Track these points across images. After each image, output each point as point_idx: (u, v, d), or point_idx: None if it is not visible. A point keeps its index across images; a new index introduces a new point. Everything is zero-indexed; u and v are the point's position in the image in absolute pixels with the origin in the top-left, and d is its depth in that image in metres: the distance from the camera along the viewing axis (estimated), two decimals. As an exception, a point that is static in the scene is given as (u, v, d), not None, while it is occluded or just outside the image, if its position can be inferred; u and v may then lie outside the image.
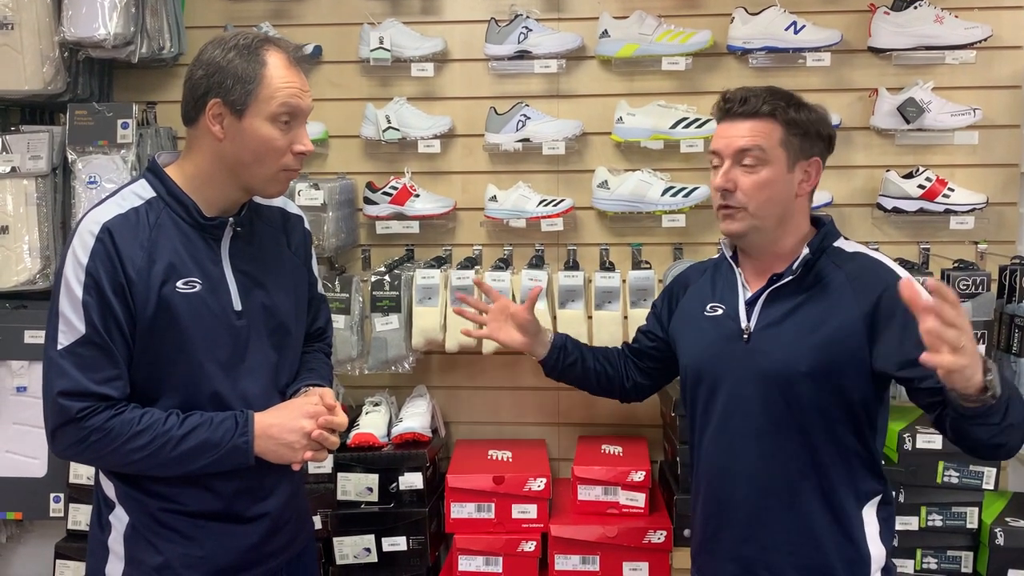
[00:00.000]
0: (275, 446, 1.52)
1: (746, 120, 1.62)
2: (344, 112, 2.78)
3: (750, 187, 1.61)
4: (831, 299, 1.60)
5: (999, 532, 2.31)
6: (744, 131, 1.61)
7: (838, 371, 1.57)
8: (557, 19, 2.74)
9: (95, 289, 1.43)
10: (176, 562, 1.52)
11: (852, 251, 1.67)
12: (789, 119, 1.61)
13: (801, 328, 1.60)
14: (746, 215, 1.62)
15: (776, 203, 1.63)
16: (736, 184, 1.62)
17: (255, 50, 1.48)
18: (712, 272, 1.81)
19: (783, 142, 1.61)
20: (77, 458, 1.51)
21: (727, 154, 1.63)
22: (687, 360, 1.76)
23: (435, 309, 2.55)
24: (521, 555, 2.37)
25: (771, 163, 1.61)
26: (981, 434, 1.41)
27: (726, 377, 1.65)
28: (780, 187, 1.62)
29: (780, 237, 1.66)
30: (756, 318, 1.65)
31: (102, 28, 2.48)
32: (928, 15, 2.55)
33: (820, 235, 1.67)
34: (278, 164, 1.52)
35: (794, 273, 1.63)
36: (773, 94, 1.63)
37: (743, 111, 1.62)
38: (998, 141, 2.65)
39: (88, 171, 2.55)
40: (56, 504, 2.64)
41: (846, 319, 1.57)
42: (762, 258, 1.69)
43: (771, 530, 1.61)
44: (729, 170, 1.62)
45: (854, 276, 1.61)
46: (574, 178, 2.75)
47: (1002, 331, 2.47)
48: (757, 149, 1.60)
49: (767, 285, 1.65)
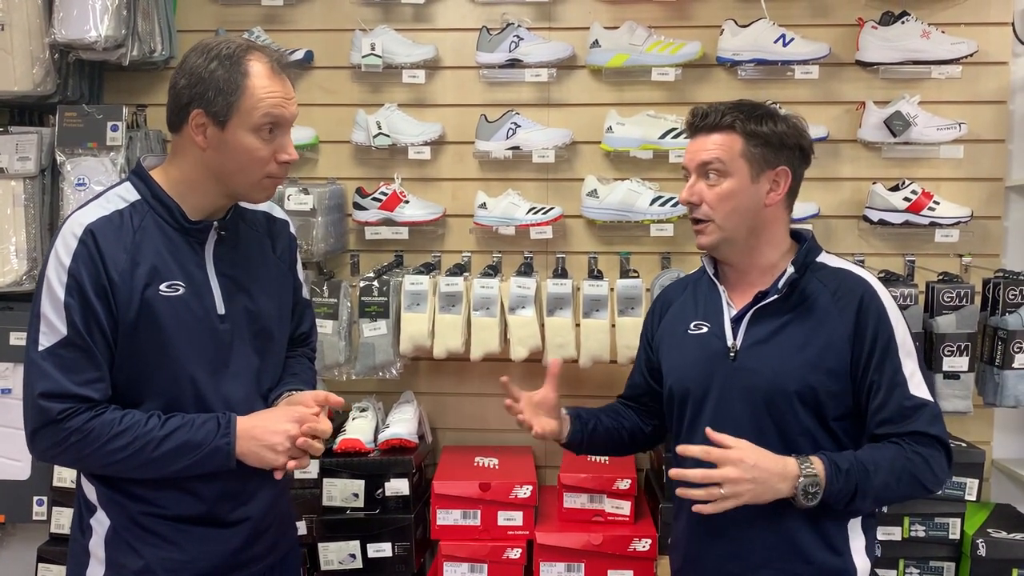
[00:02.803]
0: (257, 447, 1.51)
1: (709, 134, 1.65)
2: (335, 117, 2.78)
3: (713, 199, 1.64)
4: (817, 318, 1.61)
5: (981, 543, 2.33)
6: (707, 145, 1.65)
7: (825, 389, 1.59)
8: (548, 28, 2.75)
9: (77, 291, 1.43)
10: (157, 566, 1.51)
11: (835, 267, 1.68)
12: (749, 131, 1.63)
13: (788, 347, 1.61)
14: (714, 227, 1.65)
15: (742, 213, 1.64)
16: (701, 197, 1.65)
17: (237, 60, 1.47)
18: (693, 288, 1.80)
19: (743, 153, 1.63)
20: (57, 460, 1.51)
21: (692, 168, 1.67)
22: (672, 377, 1.75)
23: (423, 315, 2.56)
24: (506, 562, 2.37)
25: (732, 174, 1.63)
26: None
27: (712, 395, 1.65)
28: (744, 197, 1.64)
29: (756, 248, 1.68)
30: (742, 337, 1.65)
31: (93, 30, 2.48)
32: (915, 30, 2.58)
33: (803, 251, 1.67)
34: (262, 173, 1.52)
35: (780, 292, 1.63)
36: (736, 107, 1.66)
37: (704, 125, 1.66)
38: (983, 155, 2.67)
39: (77, 173, 2.54)
40: (39, 507, 2.62)
41: (833, 338, 1.59)
42: (745, 273, 1.70)
43: (756, 546, 1.61)
44: (694, 184, 1.67)
45: (838, 295, 1.63)
46: (563, 186, 2.76)
47: (986, 343, 2.49)
48: (717, 161, 1.63)
49: (753, 303, 1.66)
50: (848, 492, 1.51)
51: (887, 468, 1.53)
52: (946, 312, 2.45)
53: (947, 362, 2.42)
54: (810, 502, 1.50)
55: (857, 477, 1.51)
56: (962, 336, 2.43)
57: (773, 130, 1.64)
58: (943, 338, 2.43)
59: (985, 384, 2.49)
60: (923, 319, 2.46)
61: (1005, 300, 2.45)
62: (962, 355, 2.43)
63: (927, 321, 2.47)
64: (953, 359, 2.43)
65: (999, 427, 2.71)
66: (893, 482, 1.54)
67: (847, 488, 1.51)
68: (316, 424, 1.53)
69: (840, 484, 1.50)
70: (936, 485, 1.58)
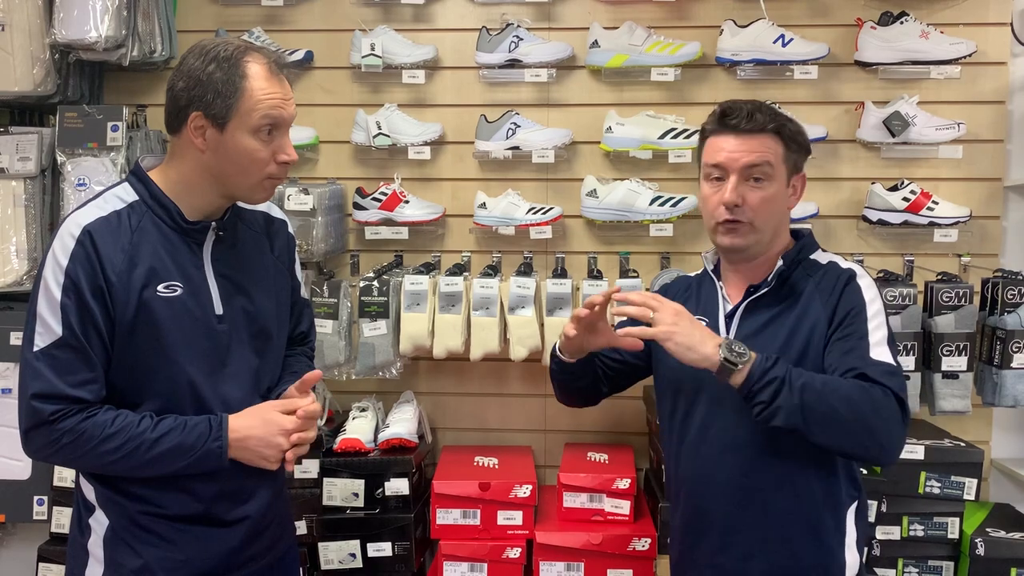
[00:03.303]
0: (251, 456, 1.54)
1: (752, 136, 1.62)
2: (335, 118, 2.79)
3: (758, 202, 1.62)
4: (802, 307, 1.64)
5: (980, 542, 2.33)
6: (753, 146, 1.62)
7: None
8: (548, 28, 2.75)
9: (74, 291, 1.43)
10: (156, 565, 1.51)
11: (825, 261, 1.70)
12: (789, 135, 1.64)
13: (777, 338, 1.62)
14: (750, 229, 1.63)
15: (776, 217, 1.66)
16: (744, 199, 1.62)
17: (235, 61, 1.47)
18: (696, 288, 1.82)
19: (785, 158, 1.64)
20: (51, 460, 1.51)
21: (734, 169, 1.62)
22: (666, 372, 1.76)
23: (423, 315, 2.56)
24: (506, 562, 2.37)
25: (776, 179, 1.63)
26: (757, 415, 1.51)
27: (704, 389, 1.67)
28: (781, 202, 1.66)
29: (769, 248, 1.69)
30: (735, 330, 1.67)
31: (93, 31, 2.48)
32: (914, 30, 2.58)
33: (796, 247, 1.69)
34: (262, 174, 1.52)
35: (769, 285, 1.65)
36: (769, 109, 1.66)
37: (751, 127, 1.62)
38: (982, 155, 2.68)
39: (77, 173, 2.55)
40: (40, 507, 2.62)
41: (816, 324, 1.61)
42: (747, 271, 1.71)
43: (748, 539, 1.62)
44: (737, 185, 1.62)
45: (822, 284, 1.64)
46: (563, 186, 2.76)
47: (984, 343, 2.49)
48: (767, 165, 1.62)
49: (745, 297, 1.68)
50: (777, 379, 1.46)
51: (822, 379, 1.49)
52: (945, 312, 2.46)
53: (946, 362, 2.43)
54: (732, 365, 1.48)
55: (788, 370, 1.48)
56: (961, 336, 2.43)
57: (802, 135, 1.66)
58: (942, 338, 2.43)
59: (984, 384, 2.49)
60: (922, 319, 2.47)
61: (1004, 300, 2.45)
62: (961, 355, 2.43)
63: (926, 321, 2.47)
64: (952, 359, 2.43)
65: (998, 427, 2.72)
66: (829, 393, 1.46)
67: (776, 373, 1.47)
68: (305, 435, 1.57)
69: (768, 365, 1.48)
70: (880, 426, 1.48)
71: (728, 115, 1.64)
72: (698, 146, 1.74)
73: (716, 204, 1.64)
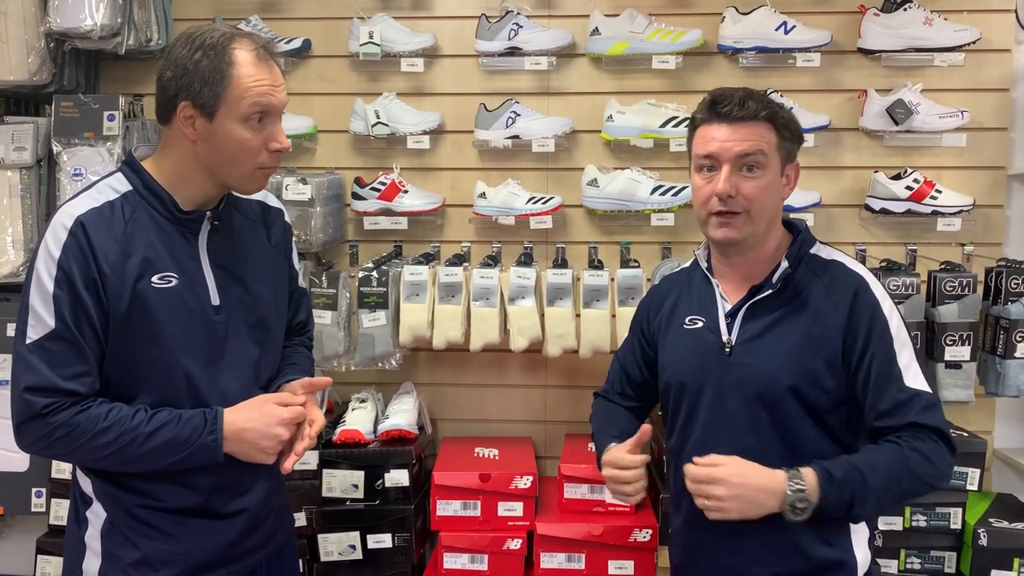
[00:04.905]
0: (248, 449, 1.52)
1: (745, 124, 1.57)
2: (333, 107, 2.77)
3: (753, 192, 1.56)
4: (811, 313, 1.59)
5: (982, 533, 2.33)
6: (745, 135, 1.56)
7: (820, 384, 1.57)
8: (548, 16, 2.73)
9: (67, 283, 1.41)
10: (153, 558, 1.50)
11: (828, 258, 1.66)
12: (782, 123, 1.60)
13: (783, 342, 1.58)
14: (746, 221, 1.58)
15: (770, 208, 1.61)
16: (738, 189, 1.57)
17: (222, 49, 1.44)
18: (687, 282, 1.77)
19: (779, 146, 1.60)
20: (44, 453, 1.50)
21: (727, 158, 1.57)
22: (668, 373, 1.72)
23: (423, 305, 2.54)
24: (506, 553, 2.37)
25: (769, 168, 1.58)
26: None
27: (708, 390, 1.63)
28: (775, 191, 1.61)
29: (764, 241, 1.64)
30: (737, 331, 1.63)
31: (89, 19, 2.46)
32: (917, 17, 2.56)
33: (797, 244, 1.65)
34: (254, 163, 1.50)
35: (774, 287, 1.61)
36: (760, 97, 1.61)
37: (743, 115, 1.57)
38: (985, 143, 2.66)
39: (73, 163, 2.53)
40: (38, 499, 2.62)
41: (827, 333, 1.57)
42: (743, 266, 1.66)
43: (755, 541, 1.58)
44: (730, 175, 1.57)
45: (832, 289, 1.60)
46: (563, 176, 2.74)
47: (987, 333, 2.48)
48: (760, 154, 1.57)
49: (747, 297, 1.63)
50: (845, 501, 1.48)
51: (885, 470, 1.49)
52: (948, 301, 2.44)
53: (949, 351, 2.42)
54: (798, 516, 1.47)
55: (854, 484, 1.48)
56: (964, 325, 2.42)
57: (795, 123, 1.63)
58: (945, 327, 2.42)
59: (987, 373, 2.48)
60: (925, 308, 2.46)
61: (1007, 289, 2.43)
62: (964, 344, 2.42)
63: (929, 310, 2.46)
64: (955, 348, 2.42)
65: (1001, 416, 2.71)
66: (894, 484, 1.50)
67: (843, 497, 1.47)
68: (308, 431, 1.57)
69: (835, 494, 1.47)
70: (940, 480, 1.54)
71: (719, 103, 1.59)
72: (688, 136, 1.67)
73: (708, 195, 1.59)
